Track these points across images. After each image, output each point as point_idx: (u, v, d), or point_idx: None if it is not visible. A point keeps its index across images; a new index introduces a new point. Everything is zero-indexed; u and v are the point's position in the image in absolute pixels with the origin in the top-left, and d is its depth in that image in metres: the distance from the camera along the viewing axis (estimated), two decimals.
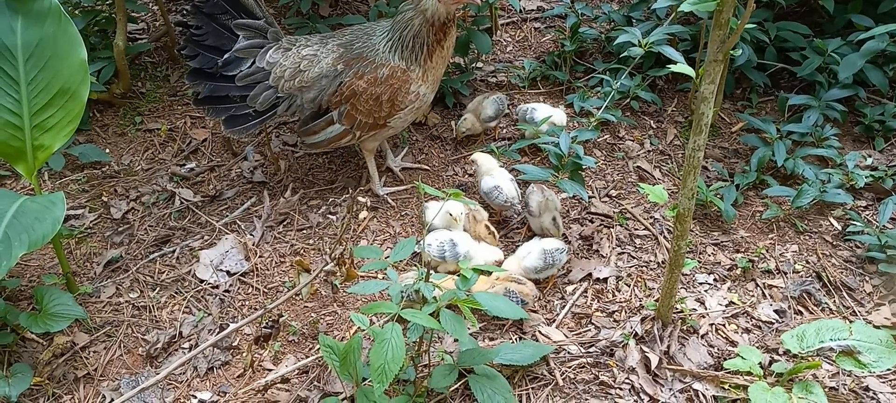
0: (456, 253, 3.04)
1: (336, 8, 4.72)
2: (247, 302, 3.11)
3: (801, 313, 2.96)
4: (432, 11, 3.06)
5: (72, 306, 2.92)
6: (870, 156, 3.58)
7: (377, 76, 3.20)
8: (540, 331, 2.89)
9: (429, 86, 3.29)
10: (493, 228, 3.22)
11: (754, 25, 3.76)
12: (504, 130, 3.92)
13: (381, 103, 3.23)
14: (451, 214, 3.14)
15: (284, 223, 3.47)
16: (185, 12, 3.33)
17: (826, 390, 2.55)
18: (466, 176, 3.68)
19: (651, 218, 3.40)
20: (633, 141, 3.82)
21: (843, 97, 3.71)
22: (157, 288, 3.19)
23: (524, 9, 4.80)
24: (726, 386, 2.65)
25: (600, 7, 4.44)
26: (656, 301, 2.88)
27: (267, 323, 2.91)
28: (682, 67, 2.31)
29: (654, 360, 2.71)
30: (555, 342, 2.84)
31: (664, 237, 3.29)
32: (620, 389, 2.66)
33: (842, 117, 3.69)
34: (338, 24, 4.11)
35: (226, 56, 3.27)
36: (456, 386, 2.61)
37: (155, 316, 3.08)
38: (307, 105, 3.30)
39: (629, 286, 3.08)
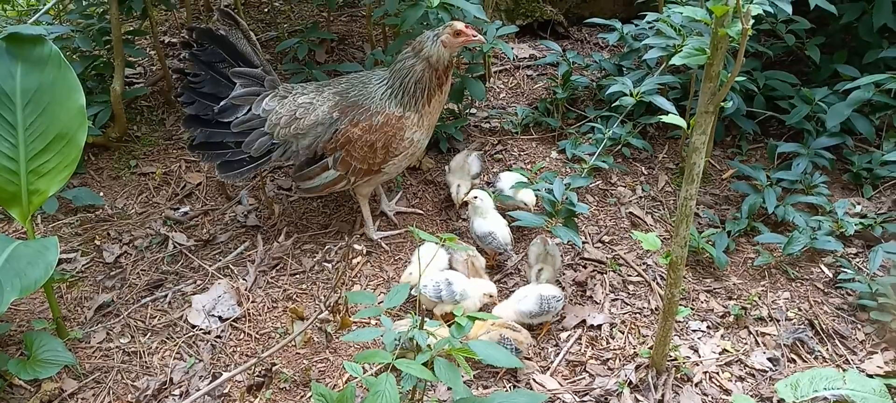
0: (452, 291, 3.05)
1: (332, 55, 4.79)
2: (239, 348, 3.08)
3: (794, 361, 2.96)
4: (437, 57, 3.12)
5: (61, 352, 2.89)
6: (859, 204, 3.62)
7: (372, 123, 3.23)
8: (534, 379, 2.88)
9: (424, 132, 3.33)
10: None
11: (744, 76, 3.85)
12: (493, 174, 3.95)
13: (375, 150, 3.26)
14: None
15: (278, 268, 3.46)
16: (182, 58, 3.37)
17: None
18: (460, 220, 3.69)
19: (644, 264, 3.41)
20: (625, 187, 3.86)
21: (831, 145, 3.77)
22: (149, 334, 3.17)
23: (517, 57, 4.89)
24: None
25: (591, 56, 4.52)
26: (650, 348, 2.88)
27: (259, 372, 2.88)
28: (674, 118, 2.35)
29: None
30: (549, 390, 2.82)
31: (657, 283, 3.30)
32: None
33: (830, 165, 3.75)
34: (334, 70, 4.17)
35: (222, 103, 3.30)
36: None
37: (145, 362, 3.04)
38: (302, 151, 3.33)
39: (623, 333, 3.07)
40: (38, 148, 2.88)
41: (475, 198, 3.37)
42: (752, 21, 2.02)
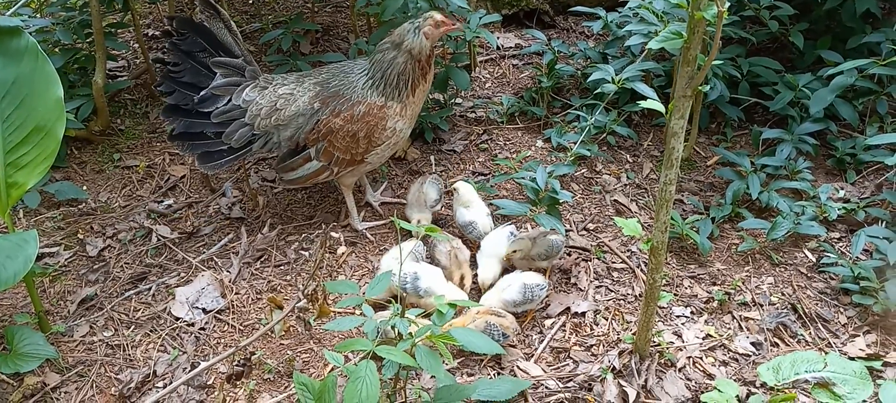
0: (417, 286, 3.03)
1: (317, 45, 4.77)
2: (222, 340, 3.07)
3: (777, 345, 2.97)
4: (419, 49, 3.12)
5: (43, 346, 2.88)
6: (842, 189, 3.63)
7: (354, 113, 3.22)
8: (518, 366, 2.88)
9: (407, 122, 3.32)
10: (467, 279, 3.21)
11: (727, 61, 3.85)
12: (479, 163, 3.95)
13: (357, 140, 3.25)
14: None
15: (262, 259, 3.45)
16: (165, 49, 3.34)
17: None
18: (445, 209, 3.67)
19: (628, 251, 3.42)
20: (609, 175, 3.86)
21: (814, 131, 3.78)
22: (132, 327, 3.15)
23: (502, 46, 4.88)
24: None
25: (576, 44, 4.52)
26: (634, 334, 2.88)
27: (239, 361, 2.88)
28: (652, 103, 2.34)
29: (632, 394, 2.70)
30: (533, 377, 2.83)
31: (641, 270, 3.30)
32: None
33: (814, 150, 3.76)
34: (318, 61, 4.15)
35: (202, 93, 3.27)
36: None
37: (129, 355, 3.03)
38: (284, 142, 3.32)
39: (607, 319, 3.08)
40: (16, 140, 2.86)
41: (455, 189, 3.38)
42: (727, 4, 2.01)
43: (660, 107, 2.32)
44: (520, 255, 3.16)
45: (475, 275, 3.23)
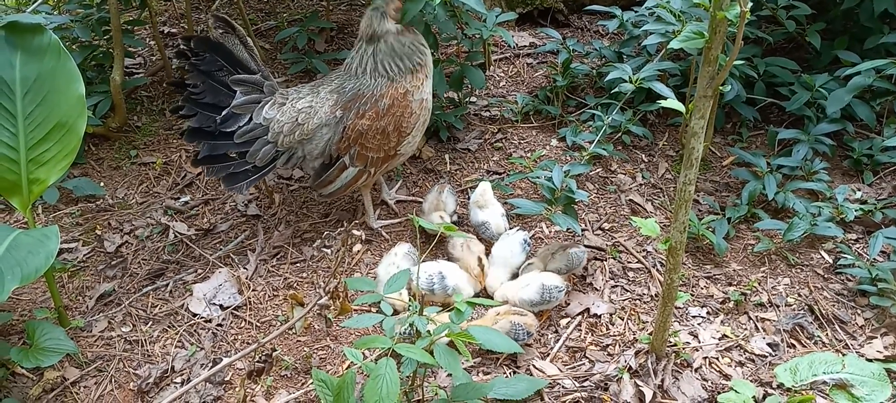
0: (444, 285, 3.05)
1: (332, 43, 4.79)
2: (240, 336, 3.10)
3: (794, 346, 2.97)
4: (390, 28, 3.19)
5: (63, 340, 2.90)
6: (859, 190, 3.62)
7: (379, 109, 3.22)
8: (534, 365, 2.88)
9: (427, 86, 3.32)
10: (484, 262, 3.22)
11: (743, 61, 3.84)
12: (493, 162, 3.96)
13: (387, 135, 3.25)
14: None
15: (278, 256, 3.47)
16: (182, 63, 3.27)
17: None
18: (461, 207, 3.68)
19: (644, 251, 3.42)
20: (625, 174, 3.86)
21: (831, 131, 3.77)
22: (150, 322, 3.18)
23: (517, 45, 4.88)
24: None
25: (591, 43, 4.51)
26: (650, 334, 2.88)
27: (259, 358, 2.89)
28: (672, 103, 2.34)
29: (649, 394, 2.70)
30: (549, 376, 2.83)
31: (657, 270, 3.30)
32: None
33: (830, 151, 3.74)
34: (333, 59, 4.16)
35: (224, 112, 3.22)
36: None
37: (147, 351, 3.06)
38: (310, 158, 3.30)
39: (623, 319, 3.08)
40: (38, 137, 2.89)
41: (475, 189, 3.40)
42: (750, 4, 2.01)
43: (680, 107, 2.31)
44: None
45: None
